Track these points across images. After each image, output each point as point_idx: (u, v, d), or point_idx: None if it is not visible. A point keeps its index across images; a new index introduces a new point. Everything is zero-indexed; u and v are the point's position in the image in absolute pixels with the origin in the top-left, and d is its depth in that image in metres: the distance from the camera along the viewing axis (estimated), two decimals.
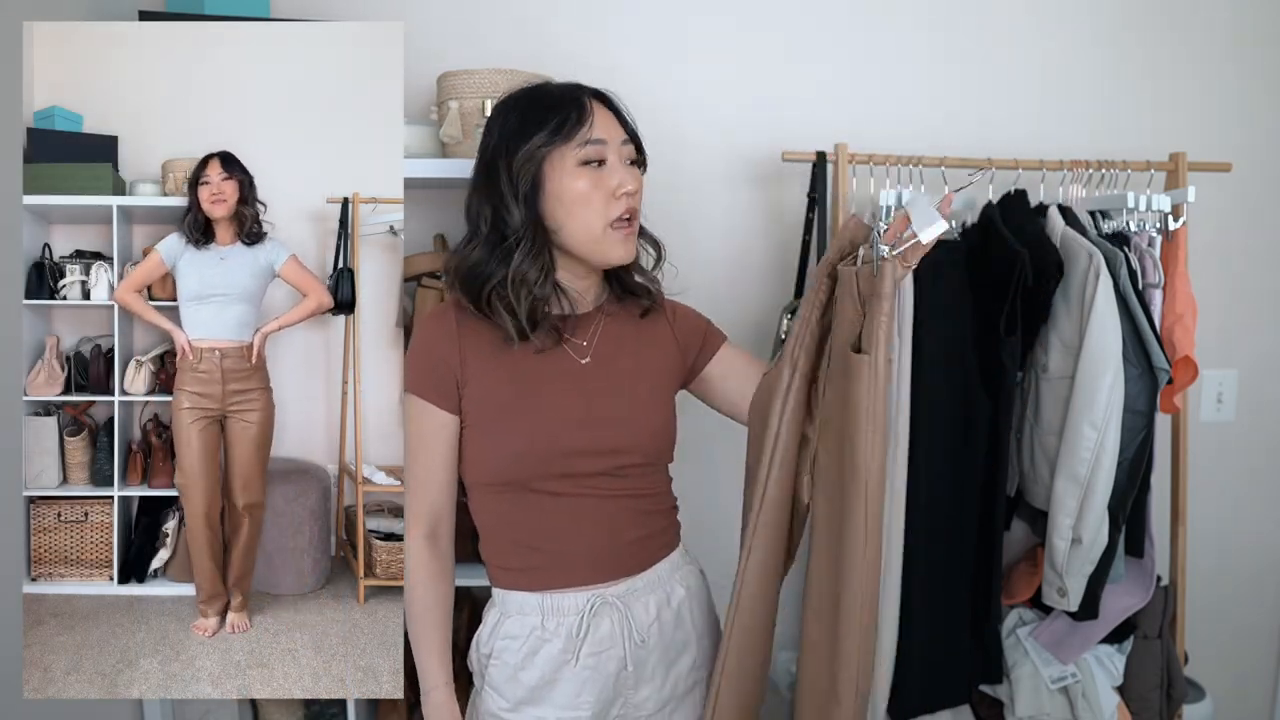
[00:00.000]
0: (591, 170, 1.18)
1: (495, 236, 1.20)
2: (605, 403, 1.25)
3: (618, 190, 1.18)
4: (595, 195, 1.17)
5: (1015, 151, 1.83)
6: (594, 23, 1.97)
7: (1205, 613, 2.14)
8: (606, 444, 1.23)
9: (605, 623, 1.24)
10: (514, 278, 1.18)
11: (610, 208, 1.18)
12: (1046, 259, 1.54)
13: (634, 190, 1.20)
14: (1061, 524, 1.57)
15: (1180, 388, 1.74)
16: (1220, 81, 2.04)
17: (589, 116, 1.18)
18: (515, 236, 1.18)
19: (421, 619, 1.28)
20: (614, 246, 1.20)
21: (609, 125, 1.20)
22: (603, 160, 1.18)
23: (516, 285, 1.18)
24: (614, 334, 1.29)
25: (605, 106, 1.22)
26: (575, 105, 1.18)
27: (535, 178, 1.17)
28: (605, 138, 1.19)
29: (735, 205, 2.02)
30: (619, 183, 1.18)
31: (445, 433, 1.24)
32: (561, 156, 1.17)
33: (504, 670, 1.26)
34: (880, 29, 2.00)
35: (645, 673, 1.28)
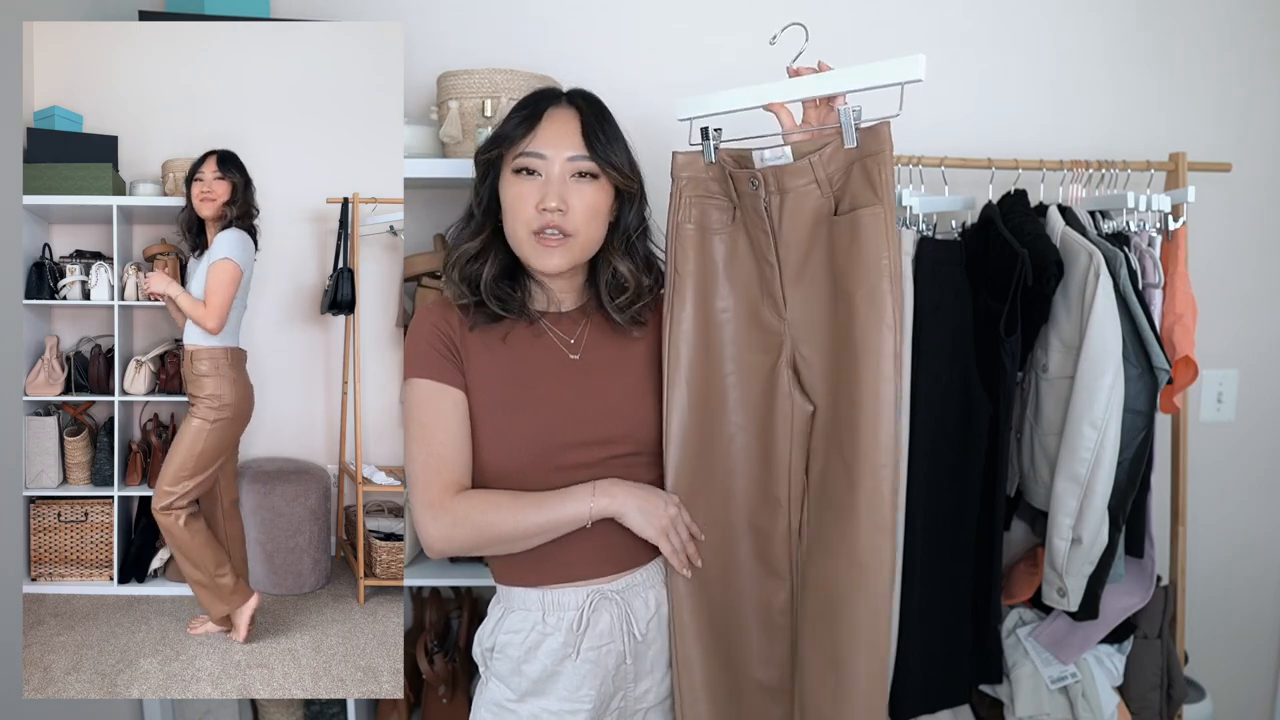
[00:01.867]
0: (523, 179, 1.22)
1: (466, 215, 1.31)
2: (597, 395, 1.27)
3: (539, 204, 1.21)
4: (522, 205, 1.22)
5: (1015, 151, 1.83)
6: (593, 23, 1.97)
7: (1205, 613, 2.14)
8: (600, 435, 1.25)
9: (605, 617, 1.25)
10: (453, 246, 1.29)
11: (533, 220, 1.21)
12: (1046, 259, 1.54)
13: (555, 207, 1.20)
14: (1061, 524, 1.57)
15: (1180, 388, 1.74)
16: (1220, 82, 2.04)
17: (535, 126, 1.22)
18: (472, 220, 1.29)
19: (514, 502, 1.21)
20: (535, 256, 1.23)
21: (561, 138, 1.22)
22: (535, 171, 1.22)
23: (458, 256, 1.27)
24: (601, 330, 1.32)
25: (576, 116, 1.24)
26: (529, 113, 1.23)
27: (490, 176, 1.27)
28: (545, 151, 1.21)
29: None
30: (541, 197, 1.21)
31: (462, 410, 1.24)
32: (506, 162, 1.24)
33: (507, 663, 1.27)
34: (880, 29, 2.00)
35: (644, 666, 1.30)
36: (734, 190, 1.26)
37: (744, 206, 1.26)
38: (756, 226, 1.25)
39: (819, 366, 1.23)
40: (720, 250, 1.28)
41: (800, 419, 1.25)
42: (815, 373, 1.24)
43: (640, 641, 1.27)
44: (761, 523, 1.30)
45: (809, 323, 1.24)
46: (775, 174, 1.21)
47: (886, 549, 1.17)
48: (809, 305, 1.23)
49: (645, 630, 1.28)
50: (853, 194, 1.18)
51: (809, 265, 1.23)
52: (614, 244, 1.29)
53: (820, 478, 1.24)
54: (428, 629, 1.97)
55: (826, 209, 1.20)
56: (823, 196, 1.20)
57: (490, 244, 1.27)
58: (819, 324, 1.23)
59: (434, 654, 1.90)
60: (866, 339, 1.15)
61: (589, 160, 1.22)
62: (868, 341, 1.15)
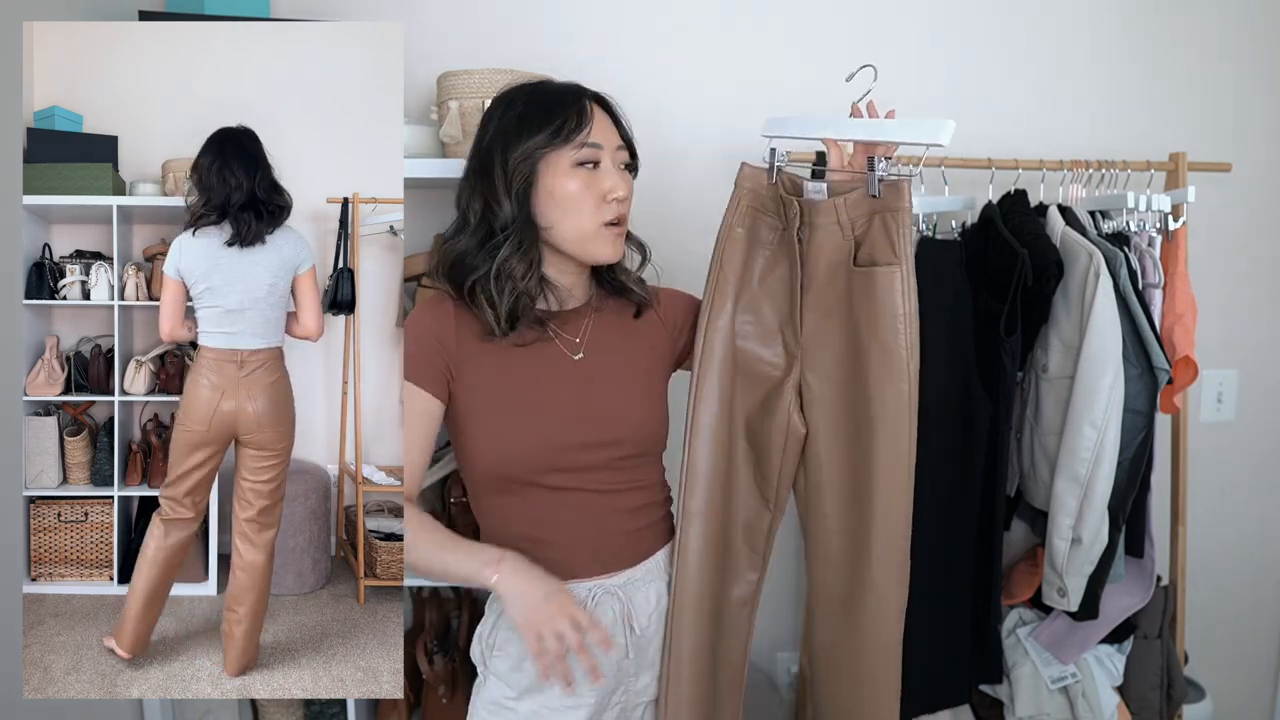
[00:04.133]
0: (586, 172, 1.20)
1: (484, 229, 1.21)
2: (600, 396, 1.26)
3: (609, 195, 1.20)
4: (587, 198, 1.19)
5: (1015, 151, 1.83)
6: (593, 23, 1.97)
7: (1205, 613, 2.14)
8: (602, 436, 1.25)
9: (607, 612, 1.26)
10: (498, 271, 1.19)
11: (601, 211, 1.20)
12: (1046, 259, 1.54)
13: (624, 196, 1.22)
14: (1061, 524, 1.57)
15: (1180, 388, 1.74)
16: (1220, 81, 2.04)
17: (589, 120, 1.20)
18: (505, 231, 1.19)
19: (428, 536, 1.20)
20: (603, 246, 1.23)
21: (605, 130, 1.23)
22: (597, 163, 1.21)
23: (501, 279, 1.19)
24: (605, 329, 1.31)
25: (604, 111, 1.24)
26: (576, 107, 1.20)
27: (529, 176, 1.19)
28: (602, 142, 1.21)
29: None
30: (611, 187, 1.20)
31: (426, 417, 1.22)
32: (558, 157, 1.19)
33: (507, 661, 1.26)
34: (880, 29, 2.00)
35: (646, 661, 1.30)
36: (784, 213, 1.32)
37: (789, 230, 1.32)
38: (793, 252, 1.31)
39: (820, 395, 1.31)
40: (760, 263, 1.34)
41: (794, 439, 1.33)
42: (815, 400, 1.31)
43: (640, 636, 1.28)
44: (751, 518, 1.37)
45: (819, 354, 1.30)
46: (810, 208, 1.28)
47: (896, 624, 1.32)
48: (821, 338, 1.30)
49: (646, 624, 1.29)
50: (872, 244, 1.24)
51: (824, 301, 1.29)
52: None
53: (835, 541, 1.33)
54: (428, 629, 1.97)
55: (846, 251, 1.27)
56: (844, 239, 1.27)
57: (534, 256, 1.21)
58: (828, 358, 1.30)
59: (434, 654, 1.90)
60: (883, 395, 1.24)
61: (629, 149, 1.25)
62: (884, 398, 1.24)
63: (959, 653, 1.66)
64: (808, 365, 1.31)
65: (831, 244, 1.27)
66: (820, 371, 1.30)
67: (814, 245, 1.28)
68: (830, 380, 1.30)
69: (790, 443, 1.32)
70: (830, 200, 1.26)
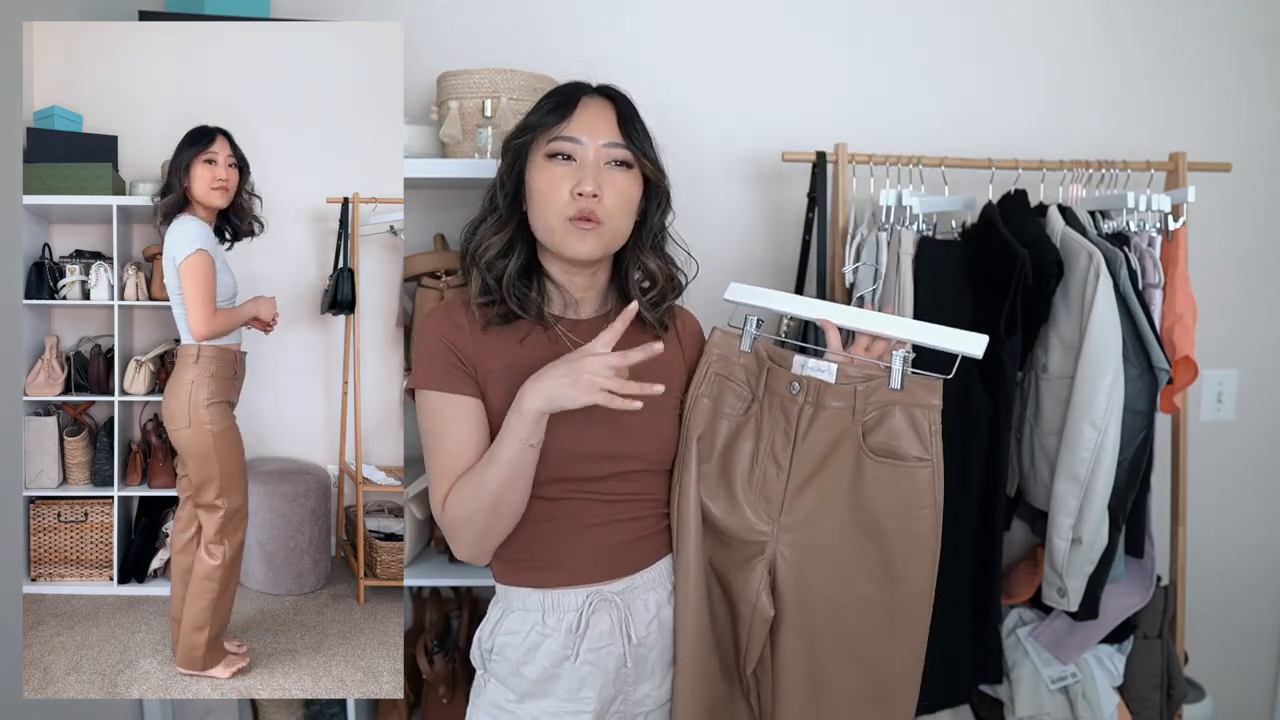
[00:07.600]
0: (558, 165, 1.21)
1: (489, 209, 1.28)
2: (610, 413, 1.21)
3: (575, 190, 1.19)
4: (555, 191, 1.20)
5: (1015, 151, 1.83)
6: (594, 23, 1.97)
7: (1205, 613, 2.14)
8: (612, 450, 1.24)
9: (604, 619, 1.24)
10: (478, 244, 1.26)
11: (568, 205, 1.20)
12: (1046, 259, 1.54)
13: (591, 192, 1.19)
14: (1061, 524, 1.57)
15: (1180, 388, 1.74)
16: (1220, 81, 2.04)
17: (571, 113, 1.21)
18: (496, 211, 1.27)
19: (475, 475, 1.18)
20: (567, 241, 1.21)
21: (595, 125, 1.22)
22: (570, 156, 1.21)
23: (479, 251, 1.25)
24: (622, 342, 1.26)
25: (610, 106, 1.24)
26: (563, 101, 1.22)
27: (514, 164, 1.25)
28: (581, 136, 1.21)
29: (735, 205, 2.02)
30: (577, 182, 1.19)
31: (475, 416, 1.21)
32: (536, 148, 1.22)
33: (506, 665, 1.26)
34: (881, 29, 2.00)
35: (645, 670, 1.28)
36: (762, 385, 1.28)
37: (768, 403, 1.27)
38: (776, 427, 1.27)
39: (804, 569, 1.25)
40: (723, 434, 1.29)
41: (760, 620, 1.26)
42: (791, 573, 1.25)
43: (638, 644, 1.26)
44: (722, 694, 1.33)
45: (808, 530, 1.25)
46: (816, 387, 1.24)
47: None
48: (811, 516, 1.25)
49: (645, 633, 1.27)
50: (892, 434, 1.21)
51: (818, 479, 1.25)
52: (642, 240, 1.29)
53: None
54: (428, 629, 1.97)
55: (852, 433, 1.23)
56: (852, 422, 1.23)
57: (516, 238, 1.26)
58: (819, 535, 1.24)
59: (434, 654, 1.90)
60: (908, 574, 1.22)
61: (624, 148, 1.22)
62: (911, 582, 1.23)
63: (959, 653, 1.66)
64: (789, 542, 1.25)
65: (839, 425, 1.23)
66: (804, 547, 1.25)
67: (818, 424, 1.24)
68: (816, 556, 1.25)
69: (757, 622, 1.26)
70: (851, 385, 1.22)
